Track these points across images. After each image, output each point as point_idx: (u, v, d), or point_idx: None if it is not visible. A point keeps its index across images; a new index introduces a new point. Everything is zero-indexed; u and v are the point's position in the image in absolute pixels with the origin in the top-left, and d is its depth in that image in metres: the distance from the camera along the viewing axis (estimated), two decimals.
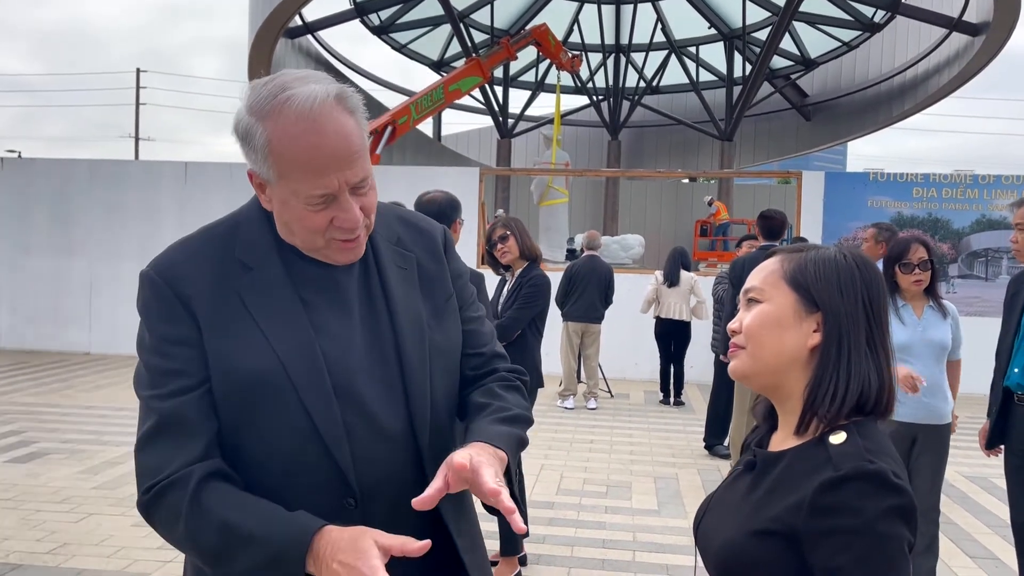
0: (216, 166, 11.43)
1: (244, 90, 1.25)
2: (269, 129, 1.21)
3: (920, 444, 3.57)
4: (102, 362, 10.61)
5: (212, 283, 1.31)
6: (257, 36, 19.78)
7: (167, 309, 1.30)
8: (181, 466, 1.25)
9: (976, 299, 9.79)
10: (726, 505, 1.31)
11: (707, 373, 8.29)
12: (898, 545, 1.10)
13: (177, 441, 1.27)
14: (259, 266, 1.32)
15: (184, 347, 1.29)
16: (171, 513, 1.25)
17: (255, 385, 1.27)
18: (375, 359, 1.34)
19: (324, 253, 1.33)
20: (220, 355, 1.28)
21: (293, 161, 1.21)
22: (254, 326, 1.29)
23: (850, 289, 1.25)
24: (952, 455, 6.60)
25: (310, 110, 1.19)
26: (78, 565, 4.13)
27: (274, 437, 1.28)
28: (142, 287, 1.34)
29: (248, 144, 1.25)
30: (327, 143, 1.21)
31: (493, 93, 24.32)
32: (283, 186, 1.25)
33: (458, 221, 3.92)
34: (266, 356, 1.27)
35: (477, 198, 10.56)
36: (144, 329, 1.33)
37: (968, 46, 20.43)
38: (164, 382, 1.29)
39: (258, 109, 1.22)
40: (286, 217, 1.30)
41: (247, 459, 1.29)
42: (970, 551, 4.71)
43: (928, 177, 10.13)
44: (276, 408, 1.27)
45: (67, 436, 6.70)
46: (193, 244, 1.37)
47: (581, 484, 5.83)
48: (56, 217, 11.41)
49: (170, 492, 1.25)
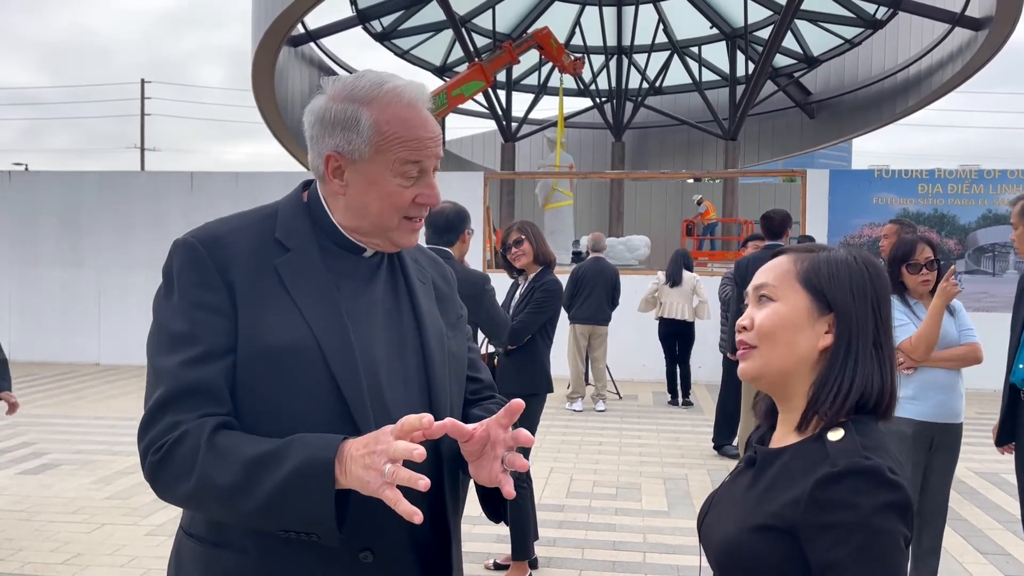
0: (222, 175, 11.49)
1: (329, 84, 1.39)
2: (376, 111, 1.35)
3: (935, 443, 3.56)
4: (112, 372, 10.66)
5: (251, 256, 1.35)
6: (260, 44, 19.84)
7: (202, 275, 1.32)
8: (190, 421, 1.25)
9: (984, 294, 9.76)
10: (727, 501, 1.32)
11: (715, 373, 8.29)
12: (893, 540, 1.12)
13: (191, 403, 1.26)
14: (296, 248, 1.38)
15: (215, 315, 1.31)
16: (182, 464, 1.23)
17: (288, 357, 1.30)
18: (395, 354, 1.40)
19: (391, 235, 1.41)
20: (254, 326, 1.31)
21: (397, 137, 1.35)
22: (290, 301, 1.33)
23: (861, 292, 1.27)
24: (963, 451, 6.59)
25: (414, 98, 1.38)
26: (92, 575, 4.15)
27: (302, 409, 1.30)
28: (176, 252, 1.35)
29: (343, 128, 1.35)
30: (428, 124, 1.39)
31: (496, 97, 24.35)
32: (379, 161, 1.35)
33: (467, 231, 3.93)
34: (300, 330, 1.32)
35: (482, 202, 10.58)
36: (171, 293, 1.33)
37: (971, 41, 20.37)
38: (188, 348, 1.29)
39: (361, 97, 1.36)
40: (368, 198, 1.37)
41: (272, 432, 1.28)
42: (981, 547, 4.71)
43: (933, 173, 10.10)
44: (307, 380, 1.31)
45: (78, 447, 6.73)
46: (232, 221, 1.42)
47: (591, 486, 5.83)
48: (64, 229, 11.47)
49: (182, 442, 1.24)
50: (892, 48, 23.70)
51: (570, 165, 18.06)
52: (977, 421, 8.01)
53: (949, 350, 3.54)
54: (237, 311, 1.31)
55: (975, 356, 3.59)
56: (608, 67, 25.83)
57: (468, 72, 19.38)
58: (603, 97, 25.95)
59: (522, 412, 1.29)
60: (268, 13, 19.01)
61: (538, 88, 26.23)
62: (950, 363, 3.54)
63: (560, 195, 17.15)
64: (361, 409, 1.31)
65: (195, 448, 1.23)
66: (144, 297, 11.19)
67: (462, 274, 3.83)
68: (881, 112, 24.45)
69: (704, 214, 22.33)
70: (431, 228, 3.86)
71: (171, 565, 1.44)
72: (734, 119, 23.53)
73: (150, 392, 1.31)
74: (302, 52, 23.90)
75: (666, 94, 26.76)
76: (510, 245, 4.39)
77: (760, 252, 6.28)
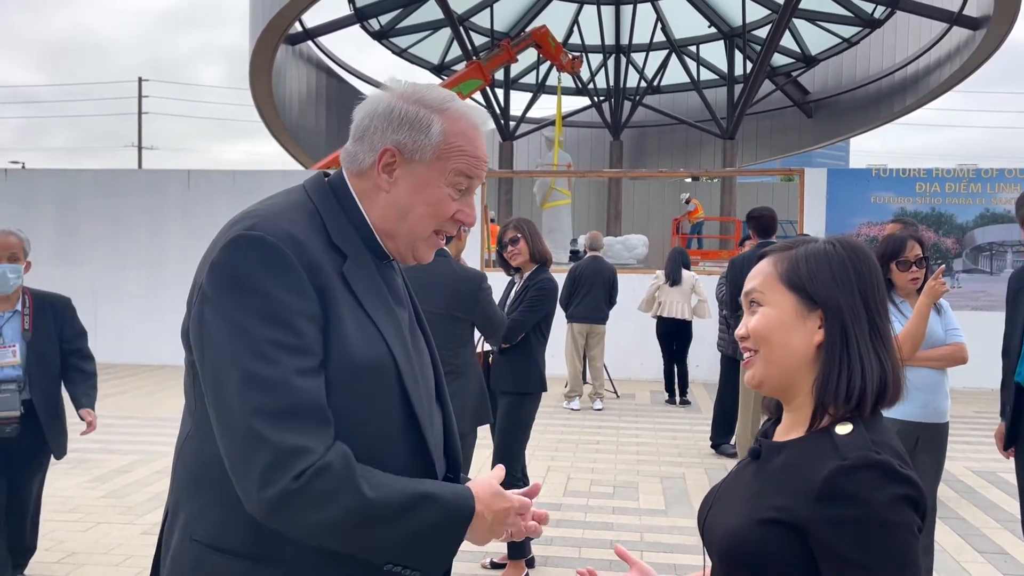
0: (219, 173, 11.45)
1: (401, 86, 1.43)
2: (447, 122, 1.40)
3: (920, 443, 3.54)
4: (108, 371, 10.63)
5: (325, 261, 1.30)
6: (258, 43, 19.82)
7: (294, 279, 1.24)
8: (325, 449, 1.21)
9: (981, 293, 9.76)
10: (731, 494, 1.31)
11: (713, 372, 8.28)
12: (908, 531, 1.11)
13: (315, 425, 1.22)
14: (352, 255, 1.37)
15: (314, 324, 1.25)
16: (323, 494, 1.19)
17: (370, 372, 1.31)
18: (424, 365, 1.49)
19: (418, 246, 1.44)
20: (342, 337, 1.28)
21: (462, 149, 1.41)
22: (363, 313, 1.33)
23: (845, 279, 1.24)
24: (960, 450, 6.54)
25: (480, 120, 1.46)
26: (87, 574, 4.14)
27: (379, 423, 1.33)
28: (251, 250, 1.24)
29: (412, 127, 1.38)
30: (484, 149, 1.46)
31: (494, 95, 24.34)
32: (437, 167, 1.39)
33: (463, 229, 3.91)
34: (379, 344, 1.33)
35: (480, 201, 10.58)
36: (252, 297, 1.22)
37: (969, 40, 20.39)
38: (298, 358, 1.22)
39: (433, 105, 1.41)
40: (414, 200, 1.40)
41: (357, 449, 1.26)
42: (979, 546, 4.70)
43: (931, 172, 10.10)
44: (385, 396, 1.34)
45: (74, 445, 6.68)
46: (290, 214, 1.33)
47: (588, 485, 5.82)
48: (60, 227, 11.44)
49: (325, 474, 1.19)
50: (890, 47, 23.71)
51: (568, 164, 18.05)
52: (975, 420, 8.01)
53: (935, 349, 3.52)
54: (328, 321, 1.27)
55: (961, 356, 3.57)
56: (606, 66, 25.83)
57: (466, 70, 19.37)
58: (601, 96, 25.95)
59: (516, 410, 1.34)
60: (266, 11, 19.00)
61: (536, 87, 26.23)
62: (936, 363, 3.52)
63: (558, 194, 17.13)
64: (427, 423, 1.40)
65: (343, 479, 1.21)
66: (140, 295, 11.18)
67: (459, 272, 3.82)
68: (879, 111, 24.47)
69: (692, 212, 22.32)
70: None
71: None
72: (732, 118, 23.54)
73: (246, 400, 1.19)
74: (300, 51, 23.89)
75: (664, 93, 26.76)
76: (506, 243, 4.38)
77: (750, 252, 6.29)
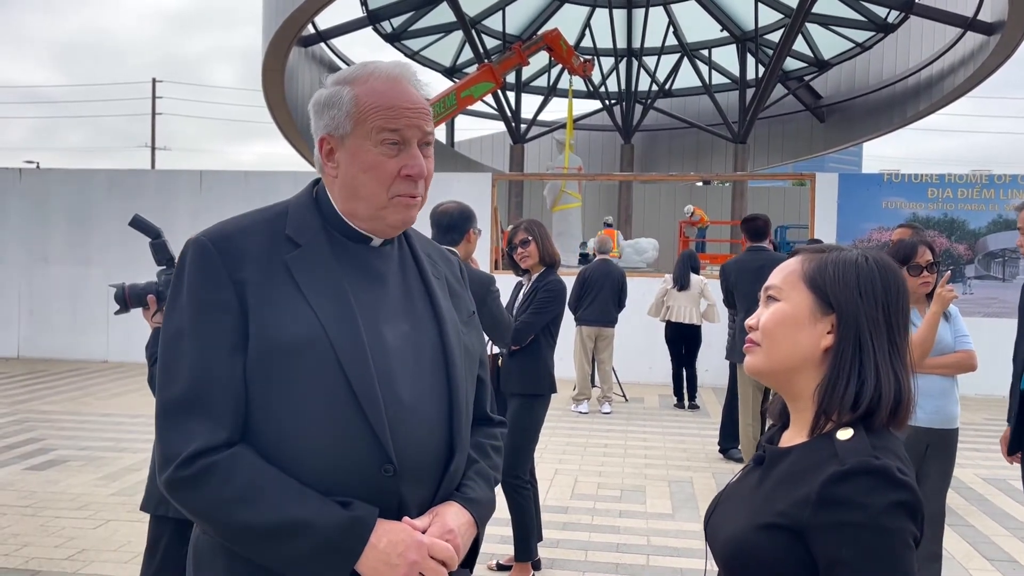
0: (231, 174, 11.52)
1: (327, 79, 1.44)
2: (357, 88, 1.39)
3: (930, 449, 3.53)
4: (119, 370, 10.70)
5: (261, 254, 1.37)
6: (271, 44, 19.91)
7: (210, 273, 1.35)
8: (218, 443, 1.29)
9: (993, 300, 9.71)
10: (735, 500, 1.32)
11: (722, 377, 8.27)
12: (903, 539, 1.11)
13: (208, 412, 1.31)
14: (306, 243, 1.40)
15: (224, 313, 1.33)
16: (213, 493, 1.28)
17: (298, 350, 1.32)
18: (408, 345, 1.42)
19: (384, 215, 1.42)
20: (265, 323, 1.33)
21: (375, 105, 1.38)
22: (300, 296, 1.35)
23: (869, 293, 1.25)
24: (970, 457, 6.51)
25: (393, 73, 1.42)
26: (96, 571, 4.16)
27: (313, 404, 1.32)
28: (188, 251, 1.38)
29: (329, 107, 1.40)
30: (406, 93, 1.40)
31: (505, 98, 24.37)
32: (359, 133, 1.38)
33: (472, 231, 3.90)
34: (311, 325, 1.34)
35: (490, 203, 10.59)
36: (180, 292, 1.36)
37: (983, 45, 20.28)
38: (197, 346, 1.32)
39: (345, 79, 1.41)
40: (355, 172, 1.39)
41: (286, 428, 1.32)
42: (987, 553, 4.68)
43: (943, 178, 10.06)
44: (317, 375, 1.32)
45: (85, 443, 6.76)
46: (244, 219, 1.44)
47: (595, 488, 5.82)
48: (74, 226, 11.52)
49: (212, 474, 1.28)
50: (903, 52, 23.62)
51: (579, 167, 18.05)
52: (985, 427, 7.97)
53: (944, 357, 3.51)
54: (248, 309, 1.33)
55: (969, 364, 3.55)
56: (618, 69, 25.83)
57: (477, 73, 19.38)
58: (612, 99, 25.93)
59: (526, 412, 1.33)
60: (279, 13, 19.08)
61: (547, 90, 26.27)
62: (945, 370, 3.51)
63: (568, 197, 17.12)
64: (371, 398, 1.33)
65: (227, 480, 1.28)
66: None
67: (468, 275, 3.82)
68: (892, 116, 24.36)
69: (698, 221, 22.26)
70: (436, 227, 3.85)
71: (189, 561, 1.44)
72: (744, 122, 23.49)
73: (163, 388, 1.34)
74: (312, 52, 23.97)
75: (675, 97, 26.74)
76: (516, 245, 4.38)
77: (743, 255, 6.33)
